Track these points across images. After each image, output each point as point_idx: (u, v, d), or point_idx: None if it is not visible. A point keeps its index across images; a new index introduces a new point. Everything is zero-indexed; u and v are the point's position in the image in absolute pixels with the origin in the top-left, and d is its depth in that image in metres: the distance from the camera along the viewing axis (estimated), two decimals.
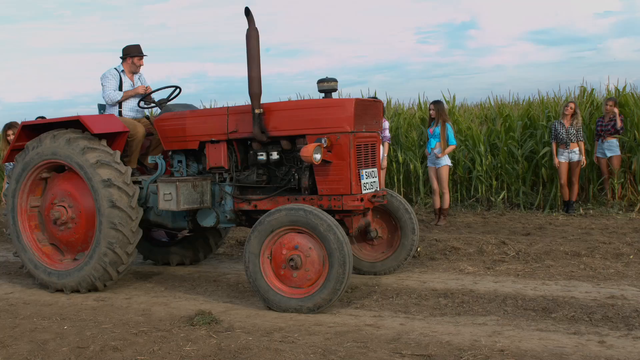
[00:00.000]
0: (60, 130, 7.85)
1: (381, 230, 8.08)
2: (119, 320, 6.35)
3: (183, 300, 7.26)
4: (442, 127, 11.24)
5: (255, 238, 6.55)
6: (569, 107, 12.00)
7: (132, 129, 8.12)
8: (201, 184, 7.44)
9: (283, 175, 7.31)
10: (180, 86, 8.59)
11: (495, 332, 5.58)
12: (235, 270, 8.84)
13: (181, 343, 5.48)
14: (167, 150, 7.94)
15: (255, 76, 6.87)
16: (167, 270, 9.08)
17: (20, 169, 8.01)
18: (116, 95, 8.58)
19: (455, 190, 13.94)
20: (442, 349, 5.16)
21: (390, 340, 5.41)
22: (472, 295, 6.83)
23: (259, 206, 7.27)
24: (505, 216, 12.14)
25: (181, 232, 8.99)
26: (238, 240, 10.68)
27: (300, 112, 7.00)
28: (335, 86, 6.99)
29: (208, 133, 7.49)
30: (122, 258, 7.50)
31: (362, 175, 6.89)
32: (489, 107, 15.86)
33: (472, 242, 9.39)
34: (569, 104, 12.12)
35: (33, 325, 6.25)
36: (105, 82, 8.62)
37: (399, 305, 6.66)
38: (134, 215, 7.49)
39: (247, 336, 5.62)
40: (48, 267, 7.93)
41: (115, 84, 8.63)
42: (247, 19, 6.80)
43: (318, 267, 6.38)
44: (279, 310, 6.46)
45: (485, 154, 13.36)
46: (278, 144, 7.22)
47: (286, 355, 5.09)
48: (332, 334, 5.64)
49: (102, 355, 5.30)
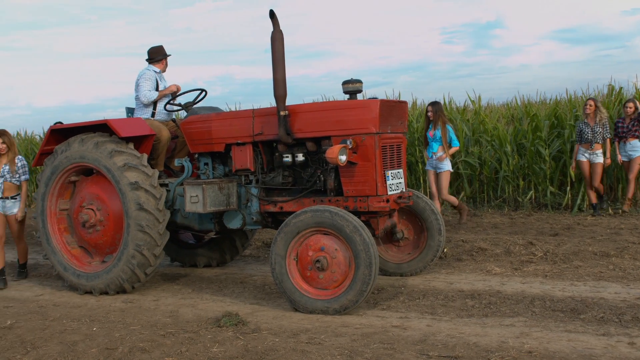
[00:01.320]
0: (88, 134, 7.94)
1: (407, 231, 8.06)
2: (147, 322, 6.40)
3: (210, 302, 7.30)
4: (442, 129, 10.84)
5: (282, 240, 6.57)
6: (588, 106, 11.73)
7: (158, 132, 8.19)
8: (227, 186, 7.48)
9: (308, 177, 7.32)
10: (206, 89, 8.66)
11: (523, 334, 5.54)
12: (261, 271, 8.87)
13: (208, 344, 5.51)
14: (194, 152, 7.99)
15: (280, 78, 6.89)
16: (194, 272, 9.13)
17: (49, 173, 8.11)
18: (152, 94, 8.66)
19: (481, 190, 13.86)
20: (469, 350, 5.13)
21: (417, 342, 5.39)
22: (500, 297, 6.79)
23: (285, 208, 7.29)
24: (532, 216, 12.04)
25: (208, 234, 9.05)
26: (264, 242, 10.71)
27: (326, 113, 7.00)
28: (360, 87, 6.99)
29: (234, 135, 7.52)
30: (149, 260, 7.56)
31: (388, 177, 6.88)
32: (515, 107, 15.73)
33: (499, 242, 9.33)
34: (587, 101, 11.84)
35: (63, 327, 6.33)
36: (143, 82, 8.70)
37: (426, 306, 6.63)
38: (161, 218, 7.54)
39: (274, 337, 5.64)
40: (77, 269, 8.02)
41: (151, 84, 8.73)
42: (272, 21, 6.82)
43: (344, 269, 6.38)
44: (306, 312, 6.48)
45: (512, 153, 13.27)
46: (303, 145, 7.23)
47: (313, 356, 5.09)
48: (359, 335, 5.64)
49: (130, 357, 5.35)
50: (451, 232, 10.54)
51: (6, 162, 8.64)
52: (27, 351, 5.62)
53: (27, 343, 5.84)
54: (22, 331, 6.23)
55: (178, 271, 9.30)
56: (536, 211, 12.62)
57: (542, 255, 8.62)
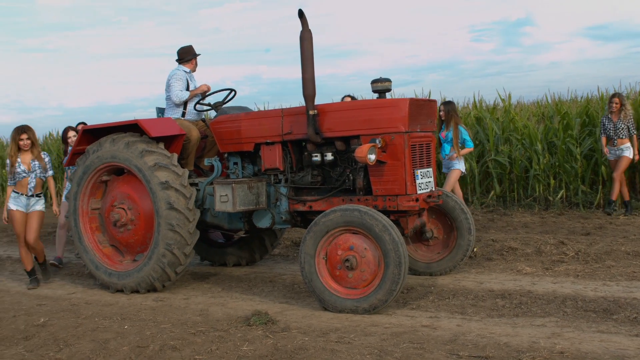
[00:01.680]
0: (120, 134, 8.02)
1: (437, 230, 8.03)
2: (177, 320, 6.45)
3: (240, 301, 7.34)
4: (454, 129, 10.48)
5: (311, 239, 6.58)
6: (613, 104, 11.57)
7: (187, 132, 8.24)
8: (257, 186, 7.50)
9: (337, 176, 7.32)
10: (235, 89, 8.70)
11: (554, 334, 5.48)
12: (290, 270, 8.89)
13: (238, 343, 5.54)
14: (223, 152, 8.03)
15: (309, 77, 6.89)
16: (224, 271, 9.18)
17: (82, 172, 8.20)
18: (183, 94, 8.72)
19: (511, 189, 13.75)
20: (499, 350, 5.09)
21: (447, 342, 5.37)
22: (531, 296, 6.73)
23: (314, 207, 7.29)
24: (563, 216, 11.91)
25: (237, 233, 9.09)
26: (293, 241, 10.74)
27: (354, 112, 7.00)
28: (389, 86, 6.98)
29: (263, 135, 7.55)
30: (180, 259, 7.62)
31: (417, 176, 6.86)
32: (546, 105, 15.58)
33: (530, 242, 9.25)
34: (613, 99, 11.67)
35: (95, 325, 6.40)
36: (174, 82, 8.76)
37: (456, 306, 6.60)
38: (191, 217, 7.59)
39: (303, 336, 5.65)
40: (108, 268, 8.10)
41: (182, 84, 8.79)
42: (300, 21, 6.83)
43: (373, 268, 6.37)
44: (335, 311, 6.48)
45: (542, 152, 13.14)
46: (332, 144, 7.23)
47: (342, 355, 5.09)
48: (388, 334, 5.63)
49: (161, 355, 5.39)
50: (481, 231, 10.48)
51: (33, 158, 8.52)
52: (60, 348, 5.70)
53: (60, 340, 5.91)
54: (55, 329, 6.31)
55: (208, 270, 9.35)
56: (567, 210, 12.48)
57: (574, 254, 8.52)
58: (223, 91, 8.72)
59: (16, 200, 8.46)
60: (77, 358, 5.43)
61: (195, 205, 7.81)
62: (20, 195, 8.45)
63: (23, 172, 8.39)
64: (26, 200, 8.49)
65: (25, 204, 8.49)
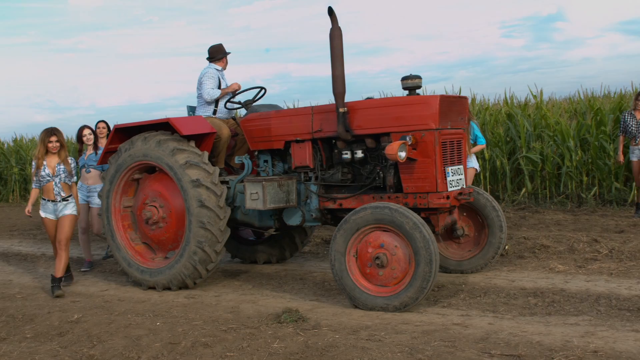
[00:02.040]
0: (151, 132, 8.09)
1: (468, 228, 7.98)
2: (208, 317, 6.49)
3: (270, 298, 7.36)
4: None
5: (341, 236, 6.58)
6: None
7: (218, 130, 8.29)
8: (287, 183, 7.52)
9: (368, 174, 7.31)
10: (265, 87, 8.73)
11: (588, 333, 5.42)
12: (321, 268, 8.90)
13: (269, 340, 5.56)
14: (254, 150, 8.06)
15: (339, 75, 6.89)
16: (254, 269, 9.22)
17: (114, 171, 8.28)
18: (215, 92, 8.77)
19: (543, 186, 13.61)
20: (532, 349, 5.05)
21: (478, 340, 5.33)
22: (563, 295, 6.66)
23: (344, 205, 7.29)
24: (596, 213, 11.76)
25: (268, 231, 9.11)
26: (323, 239, 10.74)
27: (385, 110, 6.98)
28: (420, 83, 6.94)
29: (293, 133, 7.56)
30: (211, 256, 7.66)
31: (448, 173, 6.82)
32: (578, 101, 15.41)
33: (562, 239, 9.15)
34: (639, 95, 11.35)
35: (127, 322, 6.46)
36: (206, 80, 8.82)
37: (487, 304, 6.56)
38: (222, 215, 7.63)
39: (334, 334, 5.65)
40: (141, 265, 8.18)
41: (214, 82, 8.85)
42: (330, 18, 6.83)
43: (404, 266, 6.35)
44: (365, 309, 6.47)
45: (575, 149, 12.98)
46: (362, 142, 7.22)
47: (373, 353, 5.08)
48: (419, 332, 5.61)
49: (193, 351, 5.43)
50: (513, 228, 10.39)
51: (59, 161, 8.07)
52: (93, 345, 5.76)
53: (94, 337, 5.98)
54: (89, 325, 6.38)
55: (238, 267, 9.40)
56: (600, 207, 12.33)
57: (607, 252, 8.42)
58: (253, 89, 8.76)
59: (44, 208, 8.12)
60: (110, 354, 5.49)
61: (226, 203, 7.85)
62: (47, 202, 8.08)
63: (47, 175, 8.00)
64: (53, 206, 8.08)
65: (53, 209, 8.09)
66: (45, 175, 8.01)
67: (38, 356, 5.56)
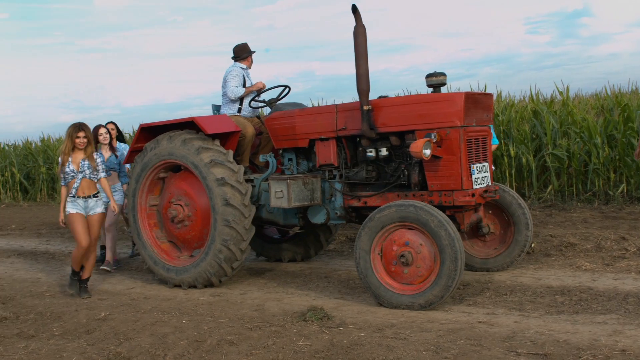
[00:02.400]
0: (176, 131, 8.13)
1: (493, 226, 7.92)
2: (234, 315, 6.52)
3: (295, 296, 7.37)
4: None
5: (366, 234, 6.57)
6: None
7: (243, 128, 8.31)
8: (311, 182, 7.52)
9: (392, 172, 7.29)
10: (289, 85, 8.74)
11: (616, 332, 5.36)
12: (345, 266, 8.90)
13: (294, 338, 5.56)
14: (278, 148, 8.08)
15: (363, 73, 6.88)
16: (279, 267, 9.24)
17: (140, 170, 8.34)
18: (239, 90, 8.81)
19: (570, 184, 13.47)
20: (559, 348, 5.00)
21: (504, 339, 5.30)
22: (591, 293, 6.60)
23: (369, 203, 7.27)
24: (624, 210, 11.62)
25: (292, 229, 9.13)
26: (348, 237, 10.73)
27: (409, 107, 6.95)
28: (444, 80, 6.90)
29: (317, 131, 7.56)
30: (236, 254, 7.69)
31: (473, 170, 6.78)
32: (605, 97, 15.21)
33: (590, 237, 9.06)
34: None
35: (154, 319, 6.50)
36: (231, 78, 8.86)
37: (513, 302, 6.51)
38: (247, 213, 7.66)
39: (359, 332, 5.64)
40: (166, 263, 8.23)
41: (239, 81, 8.89)
42: (354, 16, 6.82)
43: (429, 264, 6.33)
44: (390, 307, 6.46)
45: (602, 145, 12.84)
46: (387, 140, 7.21)
47: (398, 351, 5.07)
48: (445, 331, 5.59)
49: (218, 349, 5.45)
50: (539, 226, 10.30)
51: (84, 157, 7.81)
52: (120, 342, 5.81)
53: (120, 334, 6.03)
54: (116, 323, 6.44)
55: (263, 265, 9.42)
56: (628, 205, 12.17)
57: (636, 250, 8.32)
58: (277, 87, 8.78)
59: (73, 204, 7.82)
60: (136, 351, 5.53)
61: (251, 201, 7.87)
62: (77, 198, 7.80)
63: (72, 172, 7.77)
64: (84, 203, 7.81)
65: (84, 206, 7.82)
66: (69, 172, 7.79)
67: (66, 353, 5.62)
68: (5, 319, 6.83)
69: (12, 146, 22.87)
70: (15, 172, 21.12)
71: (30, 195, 21.13)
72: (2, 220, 16.38)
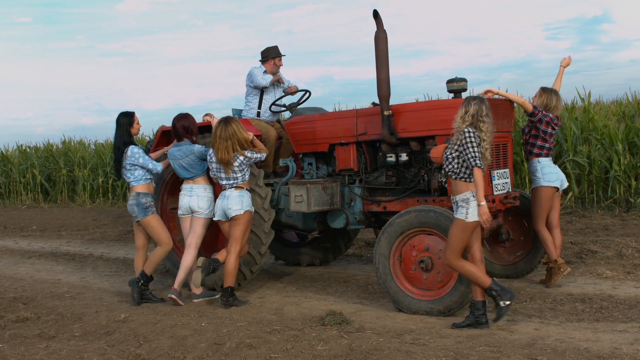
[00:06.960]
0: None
1: (513, 232, 7.87)
2: (253, 319, 6.53)
3: (314, 301, 7.38)
4: None
5: (385, 239, 6.56)
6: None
7: (265, 132, 8.32)
8: (331, 186, 7.52)
9: (412, 177, 7.28)
10: (309, 90, 8.75)
11: (637, 340, 5.32)
12: (364, 271, 8.89)
13: (313, 342, 5.57)
14: (298, 153, 8.09)
15: (384, 78, 6.89)
16: (298, 271, 9.25)
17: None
18: (267, 77, 8.73)
19: (590, 191, 13.37)
20: (579, 355, 4.97)
21: (524, 346, 5.27)
22: (612, 301, 6.55)
23: (388, 208, 7.27)
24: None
25: (311, 234, 9.14)
26: (367, 242, 10.72)
27: (430, 112, 6.95)
28: (465, 86, 6.90)
29: (337, 135, 7.57)
30: (255, 258, 7.71)
31: (494, 176, 6.76)
32: (626, 104, 15.09)
33: (610, 245, 8.99)
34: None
35: (173, 322, 6.54)
36: (254, 70, 8.78)
37: (533, 309, 6.47)
38: (267, 217, 7.67)
39: (378, 337, 5.64)
40: None
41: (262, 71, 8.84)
42: (375, 21, 6.83)
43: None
44: (409, 312, 6.45)
45: (623, 152, 12.73)
46: (407, 145, 7.20)
47: (417, 357, 5.06)
48: (464, 337, 5.57)
49: (237, 352, 5.47)
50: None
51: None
52: (139, 344, 5.85)
53: (140, 336, 6.07)
54: (135, 325, 6.48)
55: (282, 269, 9.44)
56: None
57: None
58: (298, 92, 8.80)
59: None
60: (156, 354, 5.57)
61: (271, 205, 7.88)
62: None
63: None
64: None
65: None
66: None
67: (86, 354, 5.67)
68: (26, 320, 6.90)
69: (34, 148, 23.04)
70: (36, 173, 21.28)
71: (51, 197, 21.28)
72: (23, 221, 16.52)
